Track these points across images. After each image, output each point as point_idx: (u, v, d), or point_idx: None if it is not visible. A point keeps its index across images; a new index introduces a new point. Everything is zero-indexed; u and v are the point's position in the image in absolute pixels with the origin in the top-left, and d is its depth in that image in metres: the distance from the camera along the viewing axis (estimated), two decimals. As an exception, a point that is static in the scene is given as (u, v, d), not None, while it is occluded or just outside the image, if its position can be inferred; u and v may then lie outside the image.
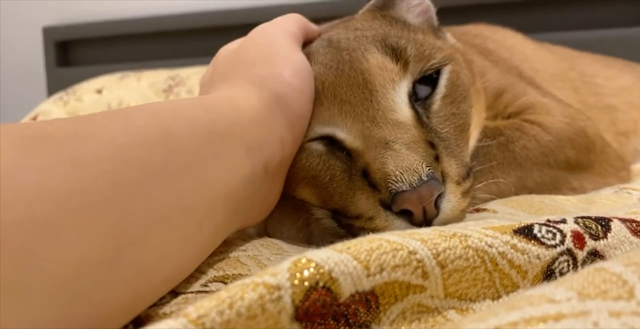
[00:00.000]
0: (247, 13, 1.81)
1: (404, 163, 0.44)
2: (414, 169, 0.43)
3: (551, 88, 0.84)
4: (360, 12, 0.60)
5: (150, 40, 2.20)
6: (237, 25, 1.80)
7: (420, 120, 0.49)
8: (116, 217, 0.30)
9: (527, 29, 1.10)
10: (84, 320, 0.28)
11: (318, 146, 0.51)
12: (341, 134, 0.49)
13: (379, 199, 0.45)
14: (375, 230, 0.45)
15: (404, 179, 0.43)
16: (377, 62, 0.50)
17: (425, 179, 0.43)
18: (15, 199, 0.25)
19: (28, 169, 0.27)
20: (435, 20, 0.63)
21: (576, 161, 0.65)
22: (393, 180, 0.43)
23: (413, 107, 0.50)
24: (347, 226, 0.49)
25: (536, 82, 0.81)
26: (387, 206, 0.45)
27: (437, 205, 0.45)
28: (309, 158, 0.50)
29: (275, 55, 0.49)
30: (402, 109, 0.49)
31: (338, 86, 0.49)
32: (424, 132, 0.48)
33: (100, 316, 0.29)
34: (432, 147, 0.47)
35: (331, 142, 0.50)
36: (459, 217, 0.47)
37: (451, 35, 0.64)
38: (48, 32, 2.42)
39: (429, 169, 0.44)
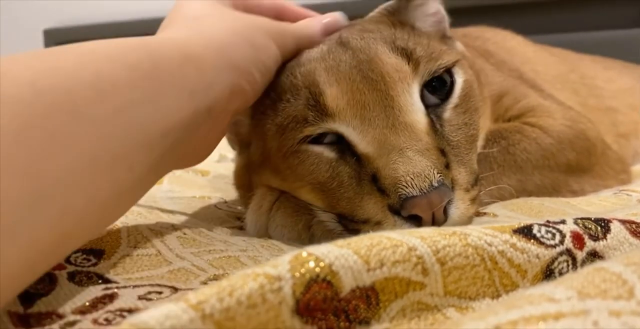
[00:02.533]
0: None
1: (415, 169, 0.44)
2: (425, 175, 0.44)
3: (552, 90, 0.84)
4: (368, 16, 0.60)
5: (151, 43, 2.20)
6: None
7: (434, 127, 0.49)
8: (31, 159, 0.29)
9: (526, 31, 1.10)
10: (10, 263, 0.28)
11: (328, 153, 0.50)
12: (355, 137, 0.48)
13: (387, 204, 0.45)
14: None
15: (414, 185, 0.43)
16: (392, 63, 0.49)
17: (435, 185, 0.44)
18: None
19: None
20: (448, 30, 0.62)
21: (577, 163, 0.65)
22: (403, 185, 0.44)
23: (428, 114, 0.50)
24: (354, 230, 0.48)
25: (537, 85, 0.81)
26: (395, 211, 0.45)
27: (445, 211, 0.45)
28: (319, 164, 0.50)
29: (214, 13, 0.51)
30: (420, 116, 0.49)
31: (361, 89, 0.49)
32: (436, 140, 0.48)
33: (27, 258, 0.29)
34: (443, 154, 0.47)
35: (341, 149, 0.50)
36: (466, 224, 0.47)
37: (461, 44, 0.64)
38: (49, 34, 2.43)
39: (440, 175, 0.44)
